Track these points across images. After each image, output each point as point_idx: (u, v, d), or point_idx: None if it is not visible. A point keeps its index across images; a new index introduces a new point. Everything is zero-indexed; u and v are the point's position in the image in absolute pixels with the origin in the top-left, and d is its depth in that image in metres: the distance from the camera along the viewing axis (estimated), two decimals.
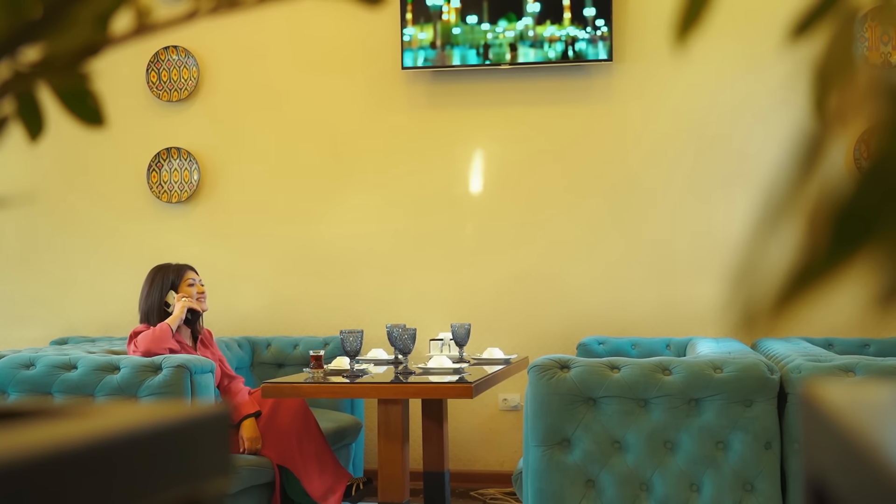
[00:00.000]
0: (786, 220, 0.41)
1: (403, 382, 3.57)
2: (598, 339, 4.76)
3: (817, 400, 0.57)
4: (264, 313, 5.28)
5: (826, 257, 0.38)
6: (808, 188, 0.40)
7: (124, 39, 0.64)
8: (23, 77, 0.63)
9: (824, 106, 0.48)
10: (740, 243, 3.57)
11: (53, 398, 3.70)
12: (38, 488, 0.52)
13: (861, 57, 0.49)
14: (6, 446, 0.52)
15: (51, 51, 0.63)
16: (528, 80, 5.09)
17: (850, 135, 0.45)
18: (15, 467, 0.50)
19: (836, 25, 0.52)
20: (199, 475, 0.67)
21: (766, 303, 0.39)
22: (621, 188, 5.01)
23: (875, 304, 0.39)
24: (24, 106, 0.67)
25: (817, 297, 0.39)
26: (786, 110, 4.75)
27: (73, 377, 3.69)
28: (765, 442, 3.08)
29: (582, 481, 3.13)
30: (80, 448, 0.56)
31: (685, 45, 0.55)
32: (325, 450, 4.01)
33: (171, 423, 0.65)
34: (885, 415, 0.52)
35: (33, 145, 0.71)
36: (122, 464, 0.59)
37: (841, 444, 0.50)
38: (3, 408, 0.71)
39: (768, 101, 4.83)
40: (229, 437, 0.73)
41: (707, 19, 0.56)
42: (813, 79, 0.50)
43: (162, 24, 0.65)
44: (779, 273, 0.39)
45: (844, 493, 0.50)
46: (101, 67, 0.66)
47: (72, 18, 0.61)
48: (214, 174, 5.37)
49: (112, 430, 0.59)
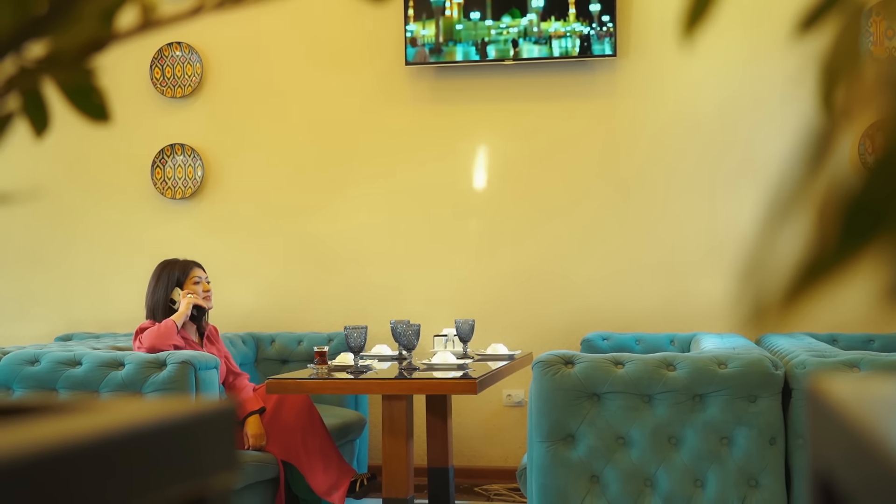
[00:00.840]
0: (795, 215, 0.41)
1: (407, 378, 3.57)
2: (603, 335, 4.76)
3: (824, 395, 0.57)
4: (268, 309, 5.28)
5: (835, 252, 0.38)
6: (817, 183, 0.40)
7: (129, 35, 0.64)
8: (28, 73, 0.63)
9: (831, 101, 0.48)
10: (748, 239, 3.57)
11: (58, 394, 3.70)
12: (43, 485, 0.52)
13: (867, 52, 0.49)
14: (11, 443, 0.52)
15: (56, 47, 0.63)
16: (531, 75, 5.08)
17: (856, 129, 0.45)
18: (20, 464, 0.51)
19: (843, 20, 0.52)
20: (205, 471, 0.67)
21: (776, 298, 0.39)
22: (626, 184, 5.00)
23: (882, 299, 0.39)
24: (29, 102, 0.67)
25: (826, 292, 0.39)
26: (792, 105, 4.74)
27: (78, 373, 3.70)
28: (769, 437, 3.08)
29: (586, 477, 3.13)
30: (85, 444, 0.56)
31: (692, 39, 0.55)
32: (329, 446, 4.02)
33: (176, 419, 0.65)
34: (891, 409, 0.52)
35: (39, 141, 0.71)
36: (127, 460, 0.59)
37: (847, 438, 0.50)
38: (7, 404, 0.71)
39: (774, 96, 4.82)
40: (234, 432, 0.73)
41: (714, 14, 0.55)
42: (820, 73, 0.50)
43: (167, 19, 0.65)
44: (788, 268, 0.39)
45: (851, 488, 0.50)
46: (105, 63, 0.66)
47: (77, 14, 0.61)
48: (218, 170, 5.37)
49: (117, 426, 0.59)
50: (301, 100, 5.29)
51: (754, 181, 4.78)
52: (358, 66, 5.22)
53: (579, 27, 4.89)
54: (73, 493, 0.54)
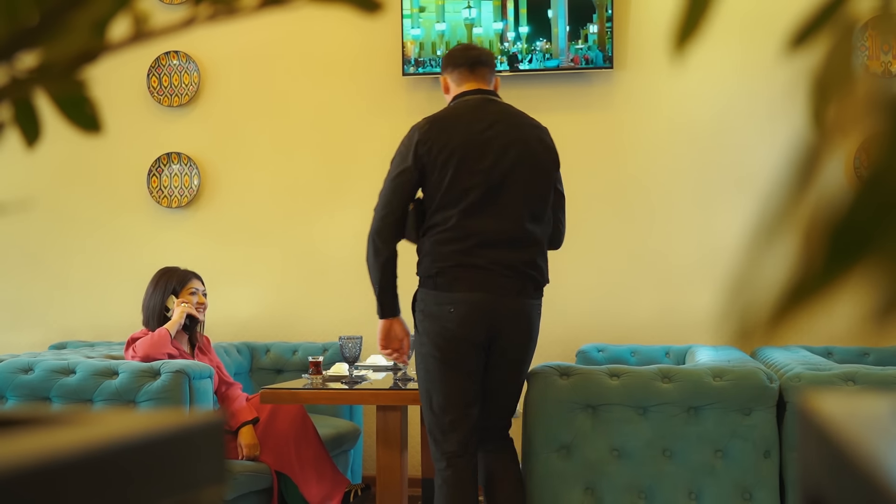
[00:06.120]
0: (783, 231, 0.41)
1: (402, 389, 3.57)
2: (598, 347, 4.75)
3: (814, 412, 0.56)
4: (263, 319, 5.27)
5: (822, 270, 0.38)
6: (806, 200, 0.40)
7: (122, 46, 0.64)
8: (20, 83, 0.63)
9: (823, 116, 0.48)
10: (738, 253, 3.57)
11: (51, 403, 3.69)
12: (29, 497, 0.52)
13: (860, 67, 0.49)
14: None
15: (48, 57, 0.63)
16: (527, 87, 5.09)
17: (848, 145, 0.45)
18: (6, 476, 0.50)
19: (836, 35, 0.52)
20: (194, 483, 0.67)
21: (762, 314, 0.39)
22: (621, 196, 5.01)
23: (872, 318, 0.39)
24: (20, 112, 0.67)
25: (813, 310, 0.39)
26: (785, 120, 4.75)
27: (72, 382, 3.69)
28: (764, 450, 3.08)
29: (581, 489, 3.12)
30: (73, 457, 0.55)
31: (683, 53, 0.55)
32: (323, 456, 4.01)
33: (164, 431, 0.64)
34: (881, 427, 0.52)
35: (30, 151, 0.71)
36: (115, 472, 0.59)
37: (837, 456, 0.50)
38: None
39: (768, 110, 4.83)
40: (224, 444, 0.73)
41: (705, 27, 0.55)
42: (812, 88, 0.50)
43: (160, 30, 0.65)
44: (775, 285, 0.39)
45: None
46: (101, 72, 0.66)
47: (69, 25, 0.61)
48: (215, 179, 5.37)
49: (105, 438, 0.59)
50: (298, 109, 5.29)
51: (750, 194, 4.79)
52: (355, 75, 5.23)
53: (575, 41, 4.91)
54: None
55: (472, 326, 3.03)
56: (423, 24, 5.04)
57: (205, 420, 0.69)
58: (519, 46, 4.97)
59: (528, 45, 4.96)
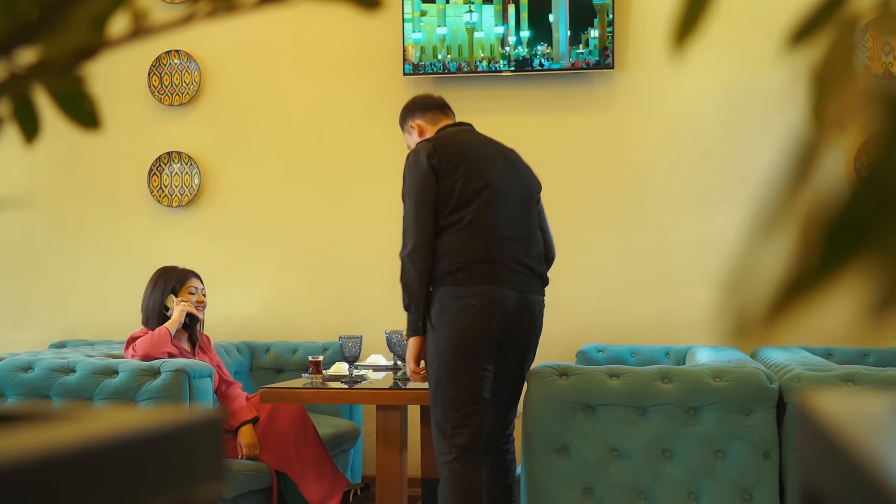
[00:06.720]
0: (779, 228, 0.41)
1: (402, 388, 3.57)
2: (598, 347, 4.75)
3: (813, 412, 0.56)
4: (264, 318, 5.27)
5: (818, 267, 0.38)
6: (802, 197, 0.40)
7: (121, 42, 0.64)
8: (19, 79, 0.63)
9: (822, 114, 0.48)
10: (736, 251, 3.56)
11: (51, 401, 3.69)
12: (28, 493, 0.52)
13: (859, 65, 0.49)
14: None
15: (47, 53, 0.63)
16: (529, 87, 5.09)
17: (847, 143, 0.45)
18: (6, 472, 0.50)
19: (835, 33, 0.52)
20: (192, 480, 0.67)
21: (758, 312, 0.39)
22: (622, 196, 5.00)
23: (869, 315, 0.39)
24: (19, 108, 0.67)
25: (809, 308, 0.38)
26: (785, 118, 4.75)
27: (72, 381, 3.69)
28: (763, 451, 3.08)
29: (580, 489, 3.12)
30: (71, 453, 0.55)
31: (682, 53, 0.55)
32: (323, 455, 4.01)
33: (162, 429, 0.64)
34: (880, 426, 0.52)
35: (29, 148, 0.71)
36: (114, 469, 0.59)
37: (836, 456, 0.50)
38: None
39: (769, 109, 4.83)
40: (222, 442, 0.72)
41: (704, 27, 0.55)
42: (811, 86, 0.50)
43: (159, 27, 0.65)
44: (771, 282, 0.39)
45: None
46: (102, 71, 0.66)
47: (68, 21, 0.61)
48: (215, 178, 5.37)
49: (104, 435, 0.59)
50: (299, 109, 5.29)
51: (751, 194, 4.78)
52: (356, 75, 5.22)
53: (577, 44, 4.91)
54: (60, 503, 0.54)
55: (490, 319, 3.14)
56: (424, 28, 5.03)
57: (202, 417, 0.69)
58: (520, 51, 4.97)
59: (529, 49, 4.95)
